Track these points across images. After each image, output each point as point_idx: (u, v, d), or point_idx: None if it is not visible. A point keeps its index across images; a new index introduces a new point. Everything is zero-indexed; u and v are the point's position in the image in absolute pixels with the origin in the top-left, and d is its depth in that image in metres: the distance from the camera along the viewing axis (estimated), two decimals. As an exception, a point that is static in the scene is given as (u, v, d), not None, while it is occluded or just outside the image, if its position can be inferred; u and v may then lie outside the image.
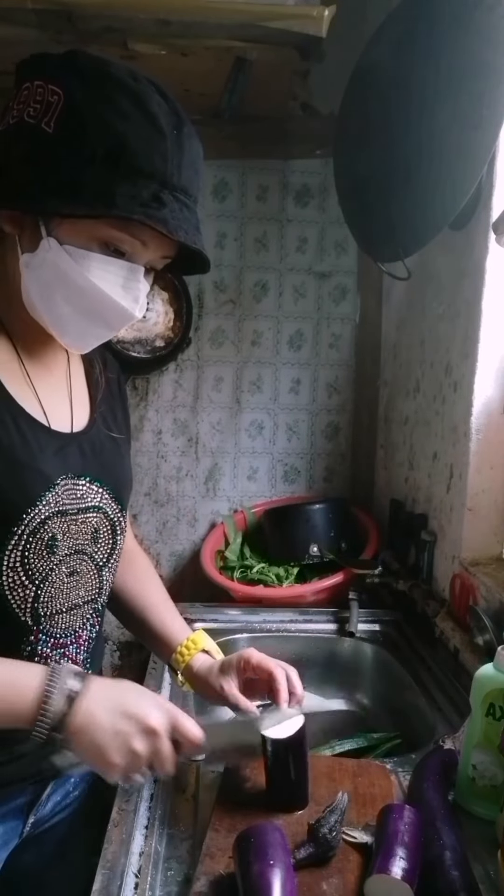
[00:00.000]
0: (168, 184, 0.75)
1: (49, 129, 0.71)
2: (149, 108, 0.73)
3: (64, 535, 0.85)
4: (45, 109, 0.72)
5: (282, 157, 1.80)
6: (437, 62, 1.14)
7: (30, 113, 0.73)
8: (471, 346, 1.25)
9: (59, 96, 0.71)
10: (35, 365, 0.86)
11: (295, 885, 0.70)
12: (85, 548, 0.89)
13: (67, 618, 0.88)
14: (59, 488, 0.83)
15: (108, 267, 0.77)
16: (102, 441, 0.92)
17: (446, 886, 0.72)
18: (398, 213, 1.26)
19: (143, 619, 1.07)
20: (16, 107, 0.75)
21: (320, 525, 1.70)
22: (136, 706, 0.75)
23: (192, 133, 0.78)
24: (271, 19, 1.18)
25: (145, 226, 0.74)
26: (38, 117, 0.72)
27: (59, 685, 0.73)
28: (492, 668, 0.87)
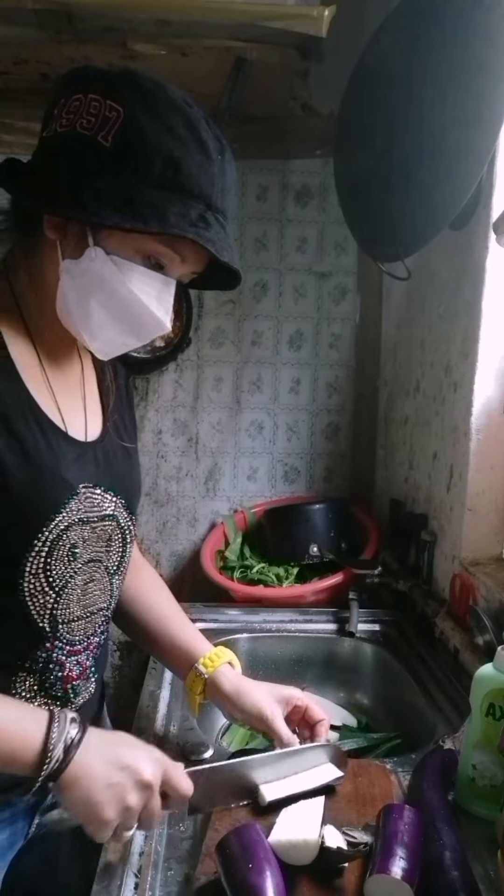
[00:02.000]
0: (212, 206, 0.79)
1: (106, 143, 0.73)
2: (200, 133, 0.77)
3: (84, 543, 0.85)
4: (101, 123, 0.74)
5: (282, 157, 1.81)
6: (437, 62, 1.14)
7: (83, 124, 0.74)
8: (471, 346, 1.25)
9: (118, 113, 0.73)
10: (54, 371, 0.87)
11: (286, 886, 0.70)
12: (100, 556, 0.89)
13: (82, 625, 0.89)
14: (81, 496, 0.84)
15: (147, 279, 0.80)
16: (115, 450, 0.93)
17: (446, 886, 0.72)
18: (398, 213, 1.26)
19: (158, 632, 1.04)
20: (65, 115, 0.75)
21: (320, 525, 1.70)
22: (131, 758, 0.74)
23: (231, 159, 0.82)
24: (271, 19, 1.18)
25: (190, 243, 0.77)
26: (93, 130, 0.74)
27: (62, 736, 0.72)
28: (492, 668, 0.87)
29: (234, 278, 0.86)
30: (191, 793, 0.78)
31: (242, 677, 0.99)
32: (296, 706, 0.97)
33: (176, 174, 0.75)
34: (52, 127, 0.77)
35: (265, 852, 0.72)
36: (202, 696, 0.99)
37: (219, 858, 0.73)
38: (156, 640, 1.05)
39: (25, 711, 0.77)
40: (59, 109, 0.76)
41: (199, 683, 0.98)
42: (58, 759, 0.71)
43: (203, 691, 0.98)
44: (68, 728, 0.73)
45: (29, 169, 0.79)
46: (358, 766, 0.98)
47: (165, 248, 0.78)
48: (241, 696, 0.95)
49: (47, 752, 0.71)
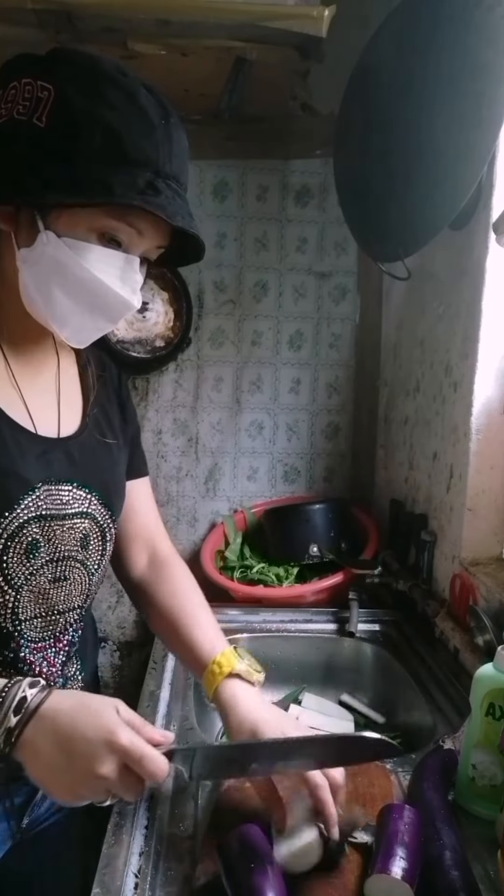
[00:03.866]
0: (161, 172, 0.76)
1: (41, 124, 0.72)
2: (138, 100, 0.75)
3: (48, 540, 0.84)
4: (35, 105, 0.73)
5: (282, 157, 1.80)
6: (437, 62, 1.14)
7: (19, 110, 0.73)
8: (471, 346, 1.25)
9: (49, 91, 0.72)
10: (23, 367, 0.86)
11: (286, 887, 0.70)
12: (74, 554, 0.88)
13: (47, 621, 0.88)
14: (40, 492, 0.83)
15: (105, 258, 0.78)
16: (93, 446, 0.91)
17: (446, 886, 0.72)
18: (398, 213, 1.26)
19: (173, 635, 0.98)
20: (3, 106, 0.75)
21: (320, 525, 1.70)
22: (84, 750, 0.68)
23: (178, 123, 0.79)
24: (271, 19, 1.18)
25: (143, 214, 0.75)
26: (28, 113, 0.73)
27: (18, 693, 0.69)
28: (492, 668, 0.87)
29: (197, 243, 0.81)
30: (163, 776, 0.70)
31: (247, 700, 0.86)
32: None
33: (118, 144, 0.73)
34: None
35: (266, 853, 0.73)
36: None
37: (220, 858, 0.73)
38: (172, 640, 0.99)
39: None
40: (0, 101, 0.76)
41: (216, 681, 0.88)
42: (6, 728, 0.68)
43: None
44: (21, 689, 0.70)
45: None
46: (358, 766, 0.98)
47: (118, 221, 0.76)
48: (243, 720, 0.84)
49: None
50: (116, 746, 0.68)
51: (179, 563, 1.08)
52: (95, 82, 0.73)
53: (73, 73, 0.74)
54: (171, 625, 0.98)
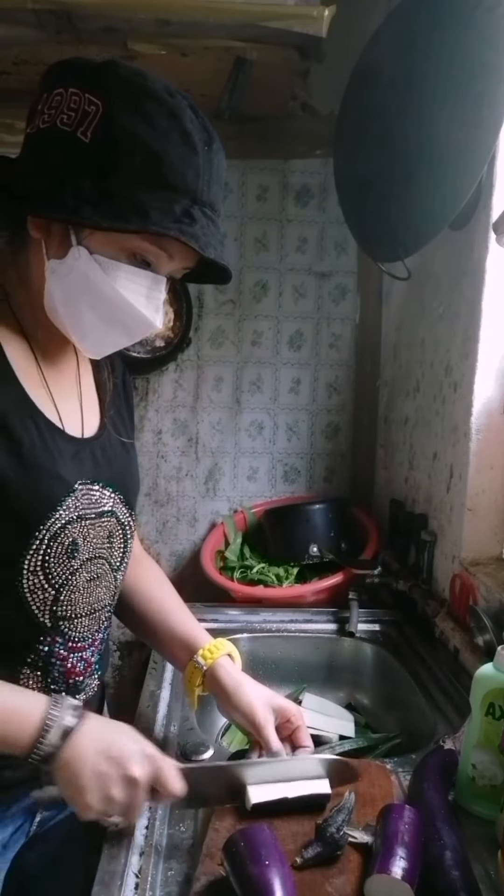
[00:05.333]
0: (198, 200, 0.76)
1: (85, 139, 0.72)
2: (184, 125, 0.74)
3: (84, 539, 0.86)
4: (81, 118, 0.72)
5: (282, 157, 1.81)
6: (437, 62, 1.14)
7: (63, 120, 0.72)
8: (471, 346, 1.25)
9: (97, 107, 0.72)
10: (50, 368, 0.86)
11: (293, 882, 0.70)
12: (102, 552, 0.89)
13: (86, 622, 0.89)
14: (78, 493, 0.84)
15: (134, 277, 0.78)
16: (113, 446, 0.93)
17: (446, 886, 0.72)
18: (398, 213, 1.26)
19: (158, 623, 1.03)
20: (46, 111, 0.74)
21: (320, 525, 1.70)
22: (121, 751, 0.75)
23: (220, 148, 0.80)
24: (271, 19, 1.18)
25: (176, 240, 0.75)
26: (73, 125, 0.72)
27: (58, 721, 0.74)
28: (492, 667, 0.87)
29: (225, 272, 0.83)
30: (182, 793, 0.78)
31: (243, 674, 0.98)
32: (288, 720, 0.95)
33: (158, 168, 0.73)
34: (35, 123, 0.75)
35: (277, 850, 0.73)
36: (201, 689, 0.98)
37: (227, 855, 0.73)
38: (155, 632, 1.04)
39: (26, 695, 0.78)
40: (42, 105, 0.75)
41: (198, 675, 0.97)
42: (50, 744, 0.73)
43: (202, 683, 0.97)
44: (66, 715, 0.74)
45: (12, 166, 0.77)
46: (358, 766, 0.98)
47: (151, 245, 0.77)
48: (238, 693, 0.94)
49: (42, 736, 0.72)
50: (149, 755, 0.77)
51: (151, 561, 1.12)
52: (143, 102, 0.73)
53: (121, 90, 0.73)
54: (153, 619, 1.03)
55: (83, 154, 0.72)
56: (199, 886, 0.75)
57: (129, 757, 0.75)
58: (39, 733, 0.73)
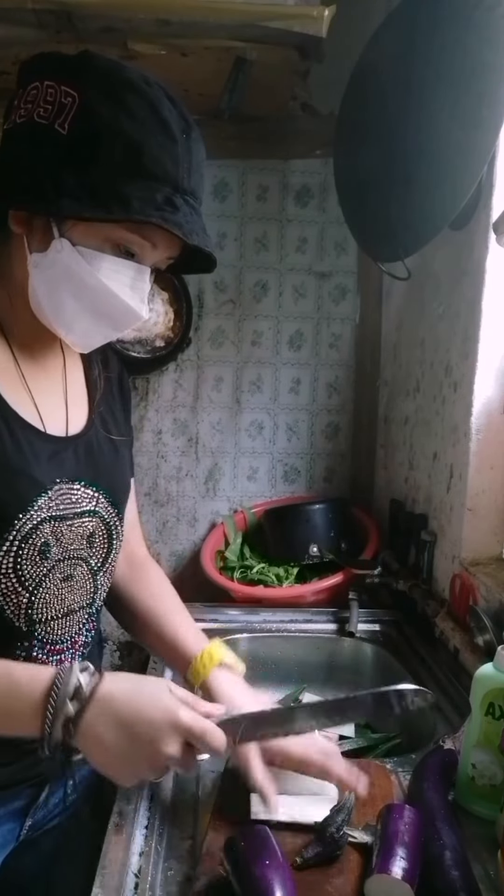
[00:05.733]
0: (179, 187, 0.76)
1: (63, 131, 0.72)
2: (161, 114, 0.74)
3: (57, 540, 0.84)
4: (57, 110, 0.72)
5: (282, 157, 1.80)
6: (437, 62, 1.14)
7: (40, 113, 0.72)
8: (471, 346, 1.25)
9: (73, 98, 0.72)
10: (31, 367, 0.86)
11: (294, 882, 0.70)
12: (80, 552, 0.88)
13: (63, 623, 0.87)
14: (53, 493, 0.83)
15: (118, 268, 0.78)
16: (100, 444, 0.92)
17: (446, 886, 0.72)
18: (398, 213, 1.26)
19: (156, 632, 1.01)
20: (23, 105, 0.74)
21: (320, 525, 1.70)
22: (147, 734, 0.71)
23: (198, 137, 0.79)
24: (271, 19, 1.18)
25: (158, 229, 0.74)
26: (49, 118, 0.72)
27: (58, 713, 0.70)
28: (492, 667, 0.87)
29: (209, 260, 0.82)
30: (223, 748, 0.74)
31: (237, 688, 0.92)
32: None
33: (139, 158, 0.73)
34: (12, 118, 0.75)
35: (277, 850, 0.73)
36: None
37: (227, 855, 0.73)
38: (154, 641, 1.02)
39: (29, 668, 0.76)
40: (18, 100, 0.75)
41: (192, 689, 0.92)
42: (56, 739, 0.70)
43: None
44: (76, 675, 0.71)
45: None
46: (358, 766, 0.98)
47: (133, 234, 0.76)
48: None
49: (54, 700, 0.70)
50: (180, 726, 0.72)
51: (155, 565, 1.10)
52: (120, 92, 0.73)
53: (97, 80, 0.73)
54: (154, 624, 1.00)
55: (61, 145, 0.72)
56: (199, 886, 0.75)
57: (157, 740, 0.71)
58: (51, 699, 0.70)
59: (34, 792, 0.93)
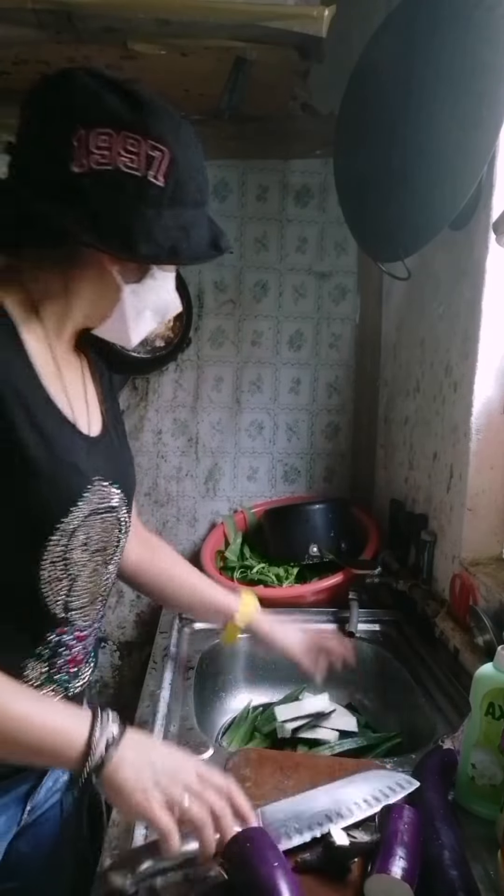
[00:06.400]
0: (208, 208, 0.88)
1: (160, 183, 0.78)
2: (199, 147, 0.83)
3: (96, 533, 0.89)
4: (147, 163, 0.77)
5: (282, 157, 1.80)
6: (437, 62, 1.15)
7: (126, 164, 0.76)
8: (471, 346, 1.25)
9: (162, 153, 0.78)
10: (65, 372, 0.91)
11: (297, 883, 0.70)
12: (106, 546, 0.93)
13: (90, 611, 0.92)
14: (94, 488, 0.88)
15: (173, 277, 0.92)
16: (115, 444, 0.97)
17: (446, 886, 0.72)
18: (398, 213, 1.26)
19: (189, 593, 1.22)
20: (96, 151, 0.76)
21: (320, 525, 1.70)
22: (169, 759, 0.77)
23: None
24: (271, 19, 1.18)
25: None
26: (141, 170, 0.77)
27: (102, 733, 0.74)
28: (492, 667, 0.87)
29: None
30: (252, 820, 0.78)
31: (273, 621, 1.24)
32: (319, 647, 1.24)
33: (200, 194, 0.84)
34: (83, 162, 0.76)
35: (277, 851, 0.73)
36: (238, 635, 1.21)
37: (228, 858, 0.73)
38: (190, 606, 1.26)
39: (69, 712, 0.78)
40: (79, 141, 0.75)
41: (237, 630, 1.20)
42: (100, 754, 0.73)
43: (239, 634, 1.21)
44: (109, 727, 0.75)
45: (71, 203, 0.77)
46: (358, 766, 0.98)
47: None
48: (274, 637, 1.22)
49: (91, 745, 0.73)
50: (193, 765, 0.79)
51: (160, 541, 1.25)
52: (188, 138, 0.81)
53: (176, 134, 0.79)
54: (186, 588, 1.22)
55: (161, 196, 0.79)
56: (199, 886, 0.75)
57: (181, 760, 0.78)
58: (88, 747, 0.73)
59: (35, 777, 0.95)
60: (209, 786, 0.77)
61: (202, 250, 0.84)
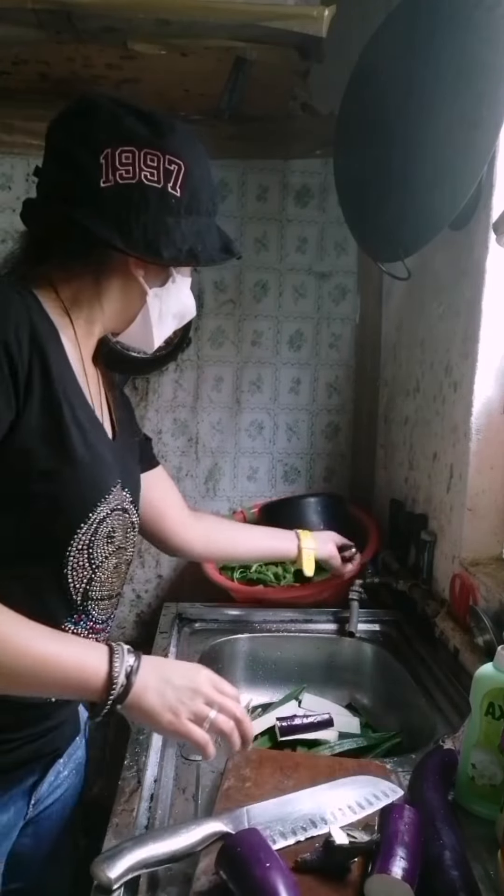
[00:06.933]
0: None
1: (178, 194, 0.86)
2: (208, 160, 0.90)
3: (118, 528, 0.93)
4: (165, 175, 0.85)
5: (282, 157, 1.80)
6: (437, 62, 1.15)
7: (147, 177, 0.84)
8: (471, 346, 1.25)
9: (178, 166, 0.85)
10: (90, 375, 0.95)
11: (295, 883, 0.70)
12: (125, 545, 0.97)
13: (107, 605, 0.95)
14: (118, 486, 0.93)
15: (189, 282, 0.98)
16: (126, 448, 1.01)
17: (446, 886, 0.72)
18: (398, 213, 1.26)
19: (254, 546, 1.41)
20: (121, 167, 0.84)
21: (314, 519, 1.69)
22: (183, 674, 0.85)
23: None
24: (271, 19, 1.18)
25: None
26: (160, 182, 0.85)
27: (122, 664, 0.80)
28: (492, 667, 0.87)
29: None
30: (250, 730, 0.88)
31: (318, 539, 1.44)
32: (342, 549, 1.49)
33: (213, 203, 0.92)
34: (109, 177, 0.84)
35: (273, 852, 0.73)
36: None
37: (223, 862, 0.73)
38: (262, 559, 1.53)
39: (88, 646, 0.84)
40: (105, 159, 0.83)
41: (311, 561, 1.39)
42: (122, 684, 0.79)
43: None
44: (126, 657, 0.81)
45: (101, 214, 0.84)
46: (358, 766, 0.98)
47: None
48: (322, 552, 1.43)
49: (113, 679, 0.78)
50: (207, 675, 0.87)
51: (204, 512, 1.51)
52: (201, 154, 0.89)
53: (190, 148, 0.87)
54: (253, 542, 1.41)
55: (178, 205, 0.86)
56: (199, 886, 0.75)
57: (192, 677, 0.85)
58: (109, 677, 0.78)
59: (44, 769, 0.97)
60: (225, 694, 0.85)
61: (216, 254, 0.92)
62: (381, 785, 0.91)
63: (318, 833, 0.82)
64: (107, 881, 0.72)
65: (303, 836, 0.82)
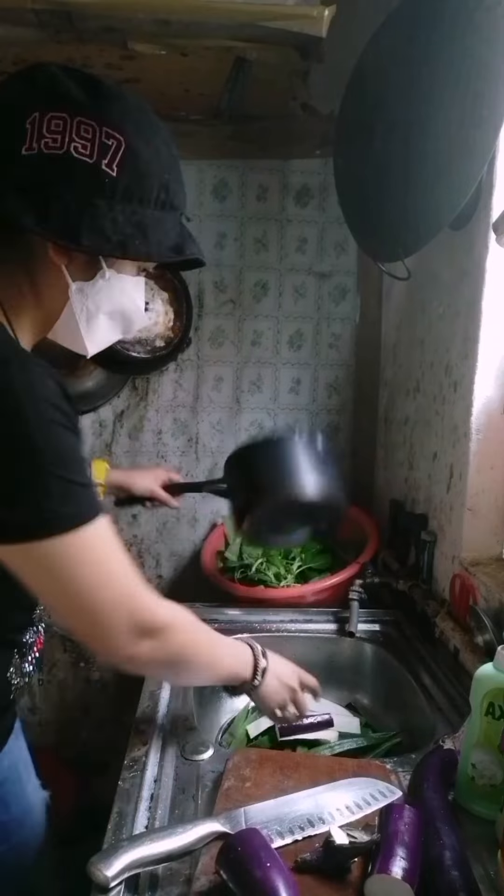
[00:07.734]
0: (184, 213, 0.85)
1: (112, 172, 0.75)
2: (173, 149, 0.81)
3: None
4: (100, 150, 0.74)
5: (282, 157, 1.81)
6: (437, 62, 1.14)
7: (77, 149, 0.73)
8: (471, 346, 1.25)
9: (117, 141, 0.74)
10: None
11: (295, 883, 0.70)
12: None
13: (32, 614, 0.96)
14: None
15: (140, 286, 0.88)
16: None
17: (446, 886, 0.72)
18: (398, 213, 1.26)
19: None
20: (47, 135, 0.73)
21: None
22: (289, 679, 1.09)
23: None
24: (271, 19, 1.18)
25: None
26: (93, 157, 0.74)
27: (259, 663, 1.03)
28: (492, 667, 0.87)
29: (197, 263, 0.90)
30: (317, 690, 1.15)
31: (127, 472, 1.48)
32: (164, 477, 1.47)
33: (167, 195, 0.79)
34: (33, 145, 0.73)
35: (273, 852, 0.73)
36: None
37: (223, 863, 0.73)
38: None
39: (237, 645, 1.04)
40: (31, 124, 0.73)
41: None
42: (258, 680, 1.02)
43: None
44: (261, 658, 1.03)
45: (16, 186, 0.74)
46: (358, 766, 0.98)
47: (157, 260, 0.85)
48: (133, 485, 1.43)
49: (256, 673, 1.02)
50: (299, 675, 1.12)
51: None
52: (151, 134, 0.78)
53: (136, 123, 0.76)
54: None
55: (112, 187, 0.75)
56: (198, 886, 0.75)
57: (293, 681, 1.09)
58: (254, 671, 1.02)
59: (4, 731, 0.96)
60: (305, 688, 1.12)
61: (162, 252, 0.80)
62: (379, 785, 0.91)
63: (317, 832, 0.82)
64: (104, 879, 0.72)
65: (300, 835, 0.82)
